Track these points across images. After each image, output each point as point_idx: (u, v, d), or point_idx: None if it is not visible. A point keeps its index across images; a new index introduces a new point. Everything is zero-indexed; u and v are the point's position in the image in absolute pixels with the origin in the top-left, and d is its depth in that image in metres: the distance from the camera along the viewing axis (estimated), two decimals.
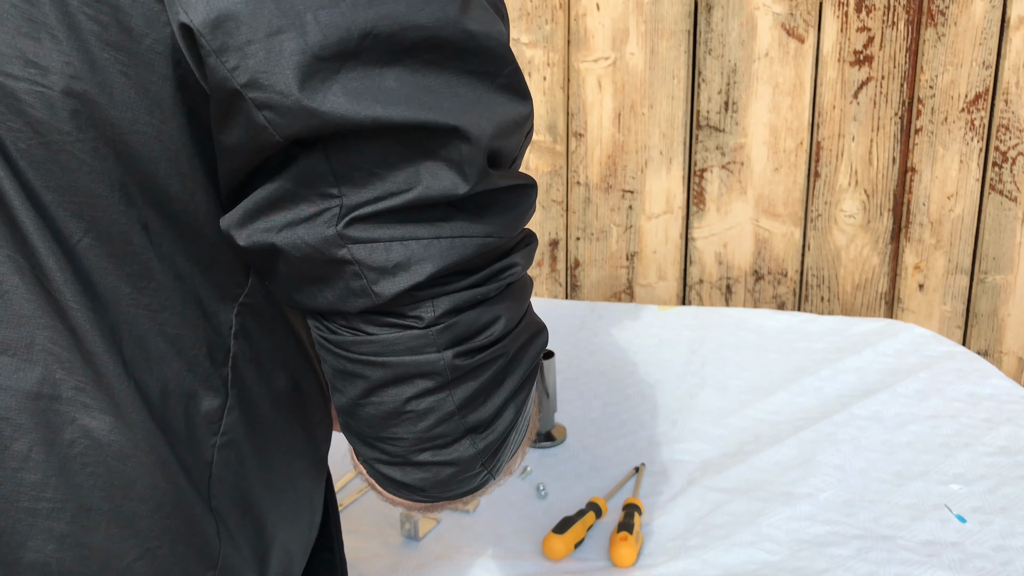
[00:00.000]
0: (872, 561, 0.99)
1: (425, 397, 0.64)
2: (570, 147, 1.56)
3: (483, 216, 0.62)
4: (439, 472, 0.67)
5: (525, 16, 1.50)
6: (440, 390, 0.64)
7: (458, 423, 0.65)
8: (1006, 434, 1.19)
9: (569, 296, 1.63)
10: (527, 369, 0.69)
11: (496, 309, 0.65)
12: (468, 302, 0.63)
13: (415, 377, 0.64)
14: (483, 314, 0.64)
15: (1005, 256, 1.49)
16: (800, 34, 1.45)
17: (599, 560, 1.01)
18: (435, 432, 0.65)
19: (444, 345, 0.63)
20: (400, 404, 0.65)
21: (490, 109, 0.61)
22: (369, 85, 0.58)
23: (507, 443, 0.69)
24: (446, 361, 0.63)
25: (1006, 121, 1.43)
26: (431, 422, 0.65)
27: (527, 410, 0.72)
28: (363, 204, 0.60)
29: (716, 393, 1.31)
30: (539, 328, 0.71)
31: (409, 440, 0.66)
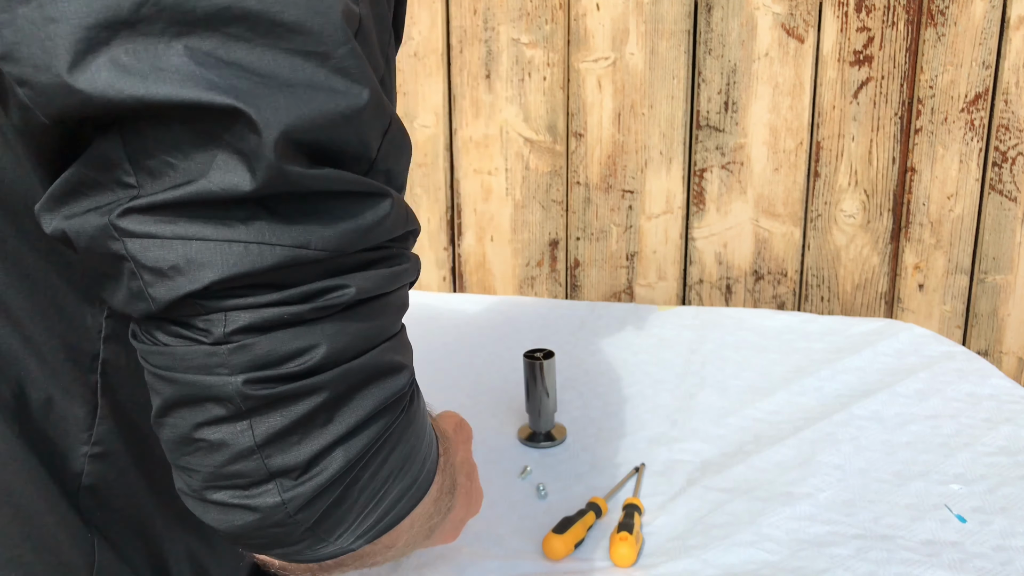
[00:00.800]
0: (872, 560, 0.99)
1: (217, 426, 0.55)
2: (570, 147, 1.56)
3: (299, 223, 0.54)
4: (240, 517, 0.58)
5: (525, 16, 1.50)
6: (234, 420, 0.55)
7: (259, 463, 0.56)
8: (1006, 434, 1.19)
9: (569, 296, 1.63)
10: (367, 415, 0.58)
11: (313, 334, 0.55)
12: (272, 321, 0.54)
13: (205, 401, 0.55)
14: (293, 338, 0.55)
15: (1005, 256, 1.49)
16: (800, 34, 1.45)
17: (599, 560, 1.01)
18: (232, 469, 0.56)
19: (236, 368, 0.54)
20: (190, 430, 0.56)
21: (305, 95, 0.52)
22: (144, 60, 0.50)
23: (346, 501, 0.59)
24: (235, 387, 0.54)
25: (1006, 121, 1.43)
26: (226, 456, 0.56)
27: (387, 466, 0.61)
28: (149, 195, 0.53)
29: (716, 393, 1.31)
30: (393, 369, 0.60)
31: (203, 474, 0.57)
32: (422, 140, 1.59)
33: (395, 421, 0.61)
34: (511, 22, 1.51)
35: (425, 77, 1.56)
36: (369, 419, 0.58)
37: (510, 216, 1.60)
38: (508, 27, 1.51)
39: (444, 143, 1.59)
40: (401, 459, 0.62)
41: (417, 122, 1.58)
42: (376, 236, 0.57)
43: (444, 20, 1.53)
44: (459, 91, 1.56)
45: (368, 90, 0.55)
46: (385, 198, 0.57)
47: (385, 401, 0.59)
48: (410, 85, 1.57)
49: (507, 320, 1.53)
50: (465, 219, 1.62)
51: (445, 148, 1.59)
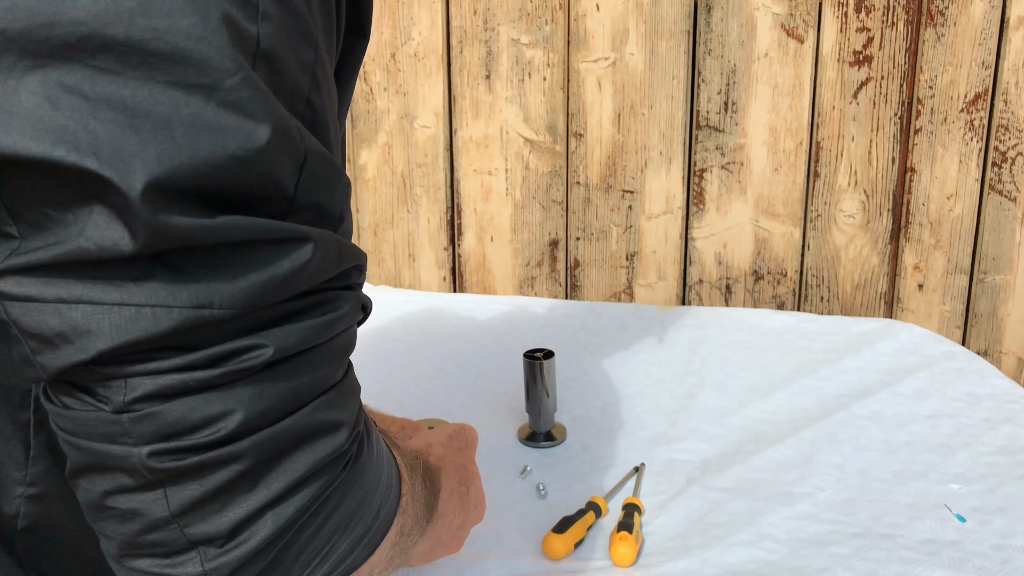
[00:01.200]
0: (872, 560, 0.99)
1: (128, 495, 0.51)
2: (570, 147, 1.56)
3: (200, 279, 0.48)
4: None
5: (525, 16, 1.51)
6: (145, 490, 0.51)
7: (177, 532, 0.51)
8: (1006, 434, 1.19)
9: (569, 296, 1.63)
10: (297, 479, 0.53)
11: (226, 400, 0.50)
12: (177, 388, 0.49)
13: (113, 469, 0.51)
14: (203, 405, 0.49)
15: (1004, 256, 1.49)
16: (800, 34, 1.45)
17: (599, 560, 1.01)
18: (149, 539, 0.52)
19: (141, 438, 0.49)
20: (100, 497, 0.52)
21: (186, 136, 0.46)
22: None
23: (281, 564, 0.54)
24: (139, 458, 0.49)
25: (1005, 121, 1.44)
26: (140, 526, 0.51)
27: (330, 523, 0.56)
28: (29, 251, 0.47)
29: (716, 393, 1.31)
30: (328, 428, 0.55)
31: (118, 541, 0.53)
32: (422, 140, 1.59)
33: (335, 480, 0.56)
34: (511, 22, 1.51)
35: (425, 77, 1.56)
36: (301, 482, 0.54)
37: (510, 216, 1.60)
38: (508, 27, 1.51)
39: (444, 143, 1.59)
40: (347, 514, 0.57)
41: (417, 122, 1.58)
42: (296, 285, 0.51)
43: (444, 20, 1.53)
44: (459, 91, 1.56)
45: (268, 126, 0.48)
46: (304, 243, 0.51)
47: (319, 463, 0.54)
48: (410, 85, 1.57)
49: (507, 320, 1.53)
50: (465, 219, 1.62)
51: (445, 148, 1.59)
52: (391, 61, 1.56)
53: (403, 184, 1.62)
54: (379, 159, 1.62)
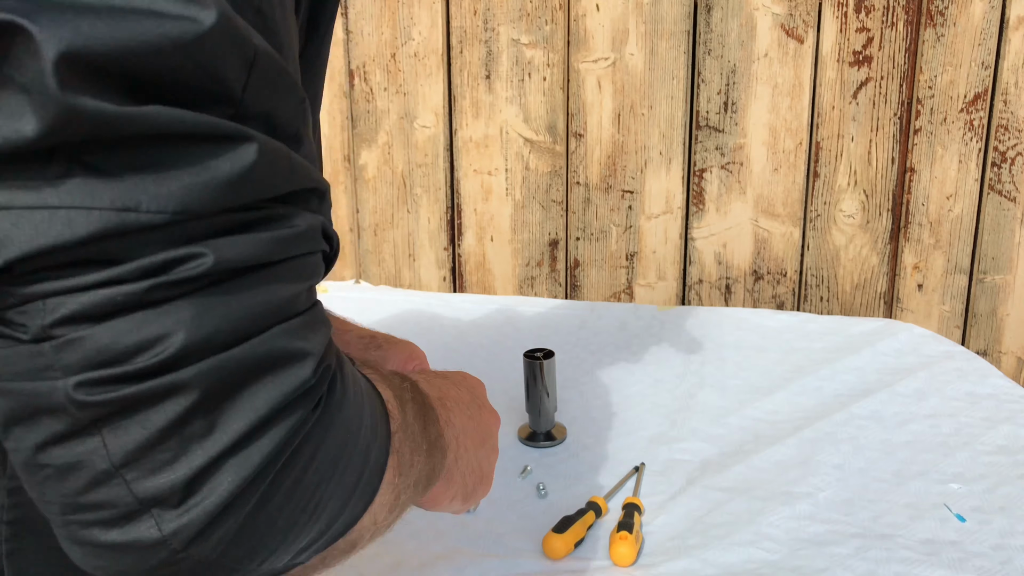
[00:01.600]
0: (871, 560, 0.99)
1: (60, 446, 0.45)
2: (570, 147, 1.56)
3: (124, 178, 0.43)
4: (117, 560, 0.46)
5: (525, 16, 1.51)
6: (78, 436, 0.44)
7: (123, 489, 0.45)
8: (1005, 433, 1.19)
9: (569, 296, 1.63)
10: (259, 418, 0.47)
11: (165, 319, 0.44)
12: (104, 307, 0.43)
13: (39, 414, 0.44)
14: (137, 327, 0.44)
15: (1004, 256, 1.49)
16: (799, 35, 1.45)
17: (599, 559, 1.02)
18: (91, 499, 0.45)
19: (68, 369, 0.43)
20: (31, 453, 0.45)
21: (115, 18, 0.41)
22: None
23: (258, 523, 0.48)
24: (64, 391, 0.43)
25: (1005, 121, 1.44)
26: (80, 483, 0.45)
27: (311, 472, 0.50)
28: None
29: (715, 393, 1.31)
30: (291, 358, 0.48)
31: (58, 505, 0.46)
32: (422, 140, 1.59)
33: (307, 422, 0.49)
34: (511, 22, 1.51)
35: (425, 77, 1.56)
36: (265, 423, 0.47)
37: (510, 216, 1.60)
38: (508, 27, 1.52)
39: (444, 143, 1.59)
40: (329, 462, 0.51)
41: (417, 122, 1.58)
42: (241, 192, 0.45)
43: (444, 20, 1.53)
44: (459, 91, 1.56)
45: (213, 11, 0.43)
46: (247, 142, 0.45)
47: (284, 399, 0.48)
48: (410, 85, 1.57)
49: (507, 320, 1.53)
50: (465, 219, 1.62)
51: (445, 148, 1.59)
52: (391, 61, 1.56)
53: (403, 184, 1.62)
54: (379, 159, 1.62)
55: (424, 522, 1.07)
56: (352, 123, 1.61)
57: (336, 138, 1.62)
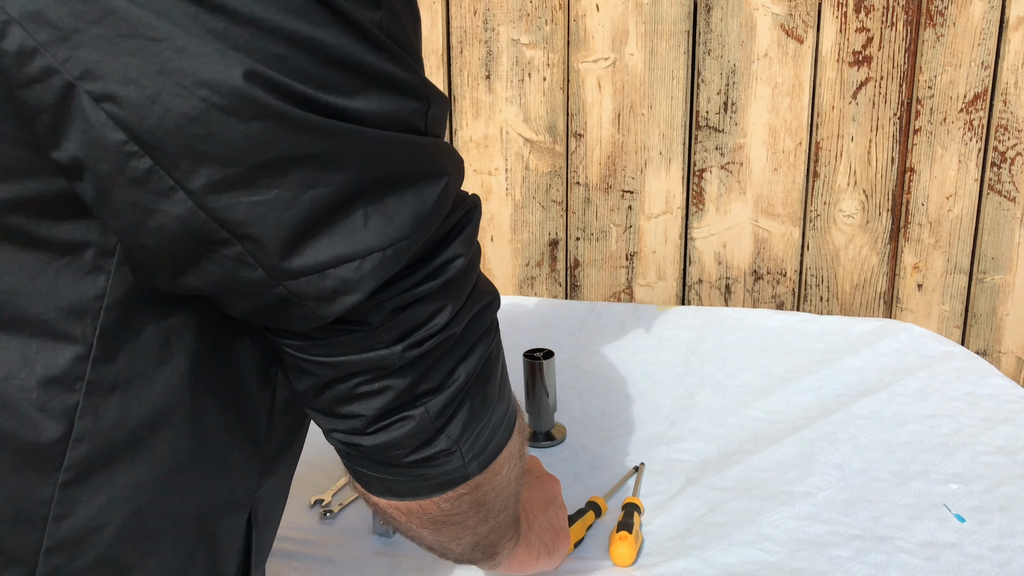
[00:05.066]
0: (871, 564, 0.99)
1: (376, 381, 0.66)
2: (570, 147, 1.56)
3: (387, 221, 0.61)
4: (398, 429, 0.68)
5: (525, 16, 1.51)
6: (390, 376, 0.66)
7: (409, 395, 0.66)
8: (1005, 434, 1.20)
9: (569, 296, 1.63)
10: (476, 335, 0.70)
11: (439, 300, 0.65)
12: (412, 299, 0.64)
13: (361, 371, 0.65)
14: (427, 307, 0.65)
15: (1004, 256, 1.49)
16: (799, 35, 1.45)
17: (599, 559, 1.02)
18: (390, 406, 0.67)
19: (393, 341, 0.64)
20: (347, 394, 0.66)
21: None
22: None
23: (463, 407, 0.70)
24: (396, 354, 0.64)
25: (1005, 121, 1.44)
26: (387, 399, 0.66)
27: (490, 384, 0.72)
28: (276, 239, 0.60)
29: (715, 393, 1.31)
30: (488, 299, 0.71)
31: (367, 417, 0.67)
32: None
33: (493, 341, 0.72)
34: (511, 22, 1.51)
35: None
36: (478, 340, 0.70)
37: (510, 216, 1.60)
38: (508, 27, 1.52)
39: None
40: (499, 381, 0.74)
41: None
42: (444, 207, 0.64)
43: (444, 20, 1.53)
44: (459, 91, 1.56)
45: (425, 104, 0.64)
46: (444, 176, 0.63)
47: (484, 324, 0.70)
48: None
49: (507, 320, 1.53)
50: None
51: None
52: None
53: None
54: None
55: None
56: None
57: None
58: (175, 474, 0.67)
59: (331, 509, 1.09)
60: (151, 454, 0.65)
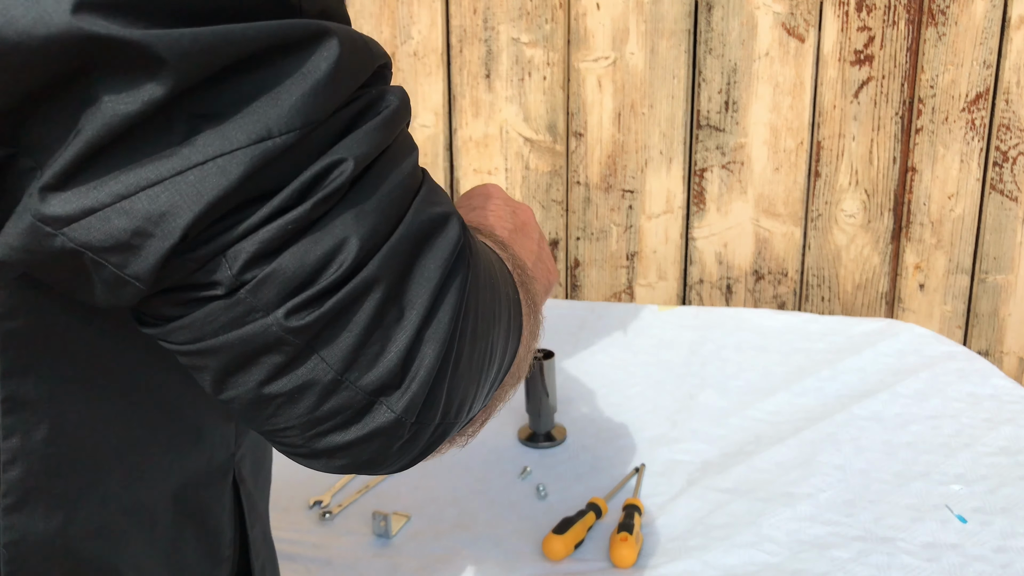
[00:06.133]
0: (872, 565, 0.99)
1: (283, 377, 0.49)
2: (570, 147, 1.55)
3: (244, 113, 0.45)
4: (362, 451, 0.51)
5: (525, 16, 1.50)
6: (298, 361, 0.48)
7: (353, 391, 0.49)
8: (1007, 434, 1.19)
9: (569, 296, 1.63)
10: (437, 284, 0.51)
11: (334, 232, 0.47)
12: (279, 238, 0.46)
13: (257, 355, 0.48)
14: (314, 246, 0.47)
15: (1006, 256, 1.48)
16: (800, 34, 1.45)
17: (599, 561, 1.01)
18: (327, 409, 0.50)
19: (268, 306, 0.47)
20: (255, 394, 0.49)
21: None
22: None
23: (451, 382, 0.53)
24: (278, 326, 0.47)
25: (1007, 121, 1.43)
26: (313, 399, 0.49)
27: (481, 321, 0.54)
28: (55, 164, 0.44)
29: (716, 393, 1.31)
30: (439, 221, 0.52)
31: (298, 427, 0.50)
32: (422, 140, 1.59)
33: (468, 274, 0.53)
34: (511, 21, 1.51)
35: (425, 77, 1.56)
36: (441, 289, 0.51)
37: None
38: (508, 27, 1.51)
39: (444, 143, 1.59)
40: (488, 305, 0.55)
41: (417, 122, 1.58)
42: (342, 85, 0.47)
43: (444, 20, 1.53)
44: (459, 91, 1.56)
45: None
46: (328, 36, 0.47)
47: (448, 261, 0.51)
48: (410, 84, 1.56)
49: None
50: None
51: (445, 148, 1.59)
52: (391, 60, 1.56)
53: None
54: None
55: (424, 523, 1.07)
56: None
57: None
58: (138, 465, 0.59)
59: (330, 510, 1.09)
60: (103, 456, 0.57)
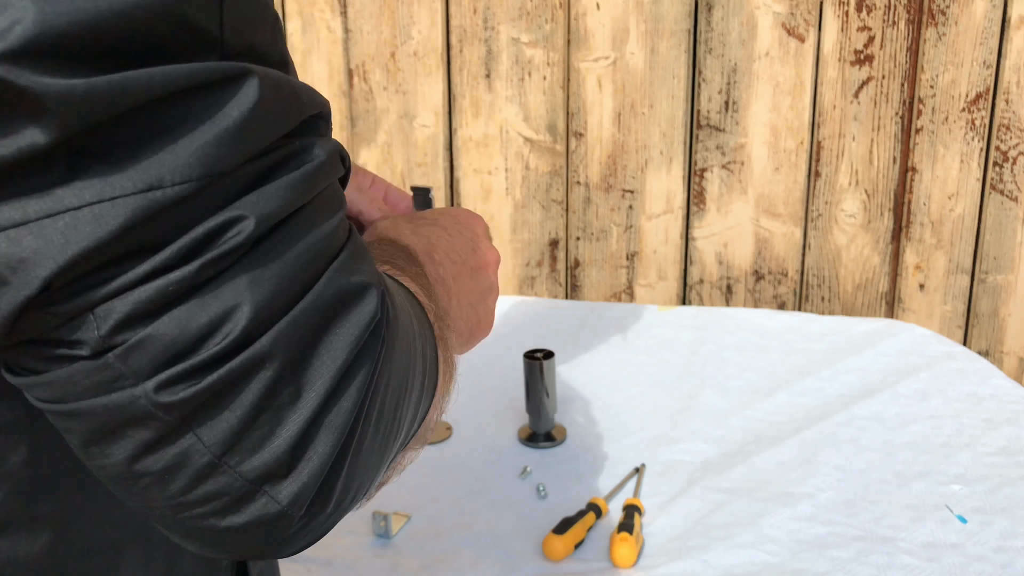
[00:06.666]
0: (872, 565, 0.99)
1: (154, 453, 0.43)
2: (570, 147, 1.55)
3: (136, 157, 0.40)
4: (240, 541, 0.46)
5: (525, 16, 1.50)
6: (170, 439, 0.42)
7: (231, 476, 0.43)
8: (1007, 434, 1.19)
9: (569, 296, 1.62)
10: (342, 364, 0.45)
11: (224, 297, 0.41)
12: (157, 300, 0.40)
13: (123, 427, 0.42)
14: (198, 311, 0.41)
15: (1006, 256, 1.48)
16: (800, 33, 1.45)
17: (599, 561, 1.01)
18: (201, 493, 0.44)
19: (139, 374, 0.41)
20: (123, 467, 0.43)
21: None
22: None
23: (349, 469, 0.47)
24: (147, 399, 0.41)
25: (1007, 121, 1.43)
26: (185, 481, 0.43)
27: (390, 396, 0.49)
28: None
29: (716, 393, 1.31)
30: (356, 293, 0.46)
31: (168, 507, 0.45)
32: (422, 140, 1.59)
33: (380, 353, 0.47)
34: (511, 21, 1.51)
35: (425, 76, 1.56)
36: (348, 370, 0.46)
37: (510, 216, 1.60)
38: (508, 26, 1.51)
39: (444, 143, 1.58)
40: (401, 377, 0.50)
41: (417, 121, 1.58)
42: (257, 134, 0.42)
43: (444, 19, 1.53)
44: (459, 91, 1.56)
45: None
46: (246, 77, 0.42)
47: (359, 339, 0.46)
48: (410, 84, 1.56)
49: (507, 320, 1.52)
50: None
51: (445, 148, 1.59)
52: (391, 60, 1.56)
53: (403, 184, 1.62)
54: (379, 158, 1.61)
55: (424, 523, 1.07)
56: (351, 122, 1.61)
57: (335, 137, 1.62)
58: None
59: None
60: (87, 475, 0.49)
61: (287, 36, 1.58)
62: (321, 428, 0.44)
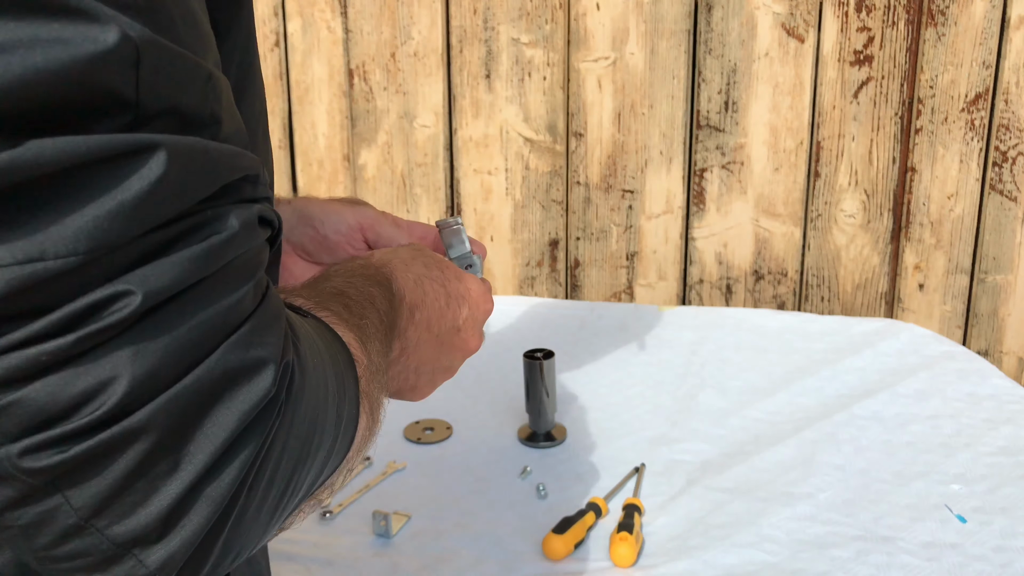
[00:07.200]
0: (872, 564, 0.99)
1: (19, 509, 0.42)
2: (570, 147, 1.55)
3: (20, 227, 0.39)
4: None
5: (525, 16, 1.50)
6: (35, 499, 0.42)
7: (98, 537, 0.43)
8: (1006, 434, 1.19)
9: (569, 296, 1.63)
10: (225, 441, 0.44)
11: (101, 368, 0.41)
12: (30, 367, 0.40)
13: None
14: (73, 380, 0.41)
15: (1005, 256, 1.49)
16: (800, 34, 1.45)
17: (599, 560, 1.01)
18: (67, 550, 0.43)
19: (4, 437, 0.40)
20: None
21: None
22: None
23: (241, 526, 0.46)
24: (10, 462, 0.41)
25: (1006, 121, 1.43)
26: (50, 537, 0.43)
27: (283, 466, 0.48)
28: None
29: (716, 393, 1.31)
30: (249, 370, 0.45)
31: (32, 557, 0.44)
32: (422, 140, 1.59)
33: (271, 431, 0.46)
34: (511, 22, 1.51)
35: (425, 77, 1.56)
36: (232, 445, 0.45)
37: (510, 216, 1.60)
38: (508, 27, 1.51)
39: (444, 143, 1.59)
40: (301, 443, 0.49)
41: (417, 122, 1.58)
42: (159, 208, 0.41)
43: (444, 20, 1.53)
44: (459, 91, 1.56)
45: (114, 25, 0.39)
46: (153, 151, 0.41)
47: (247, 416, 0.45)
48: (410, 84, 1.56)
49: (507, 320, 1.53)
50: (465, 219, 1.62)
51: (445, 148, 1.59)
52: (391, 60, 1.56)
53: (403, 184, 1.62)
54: (379, 159, 1.62)
55: (424, 523, 1.07)
56: (352, 123, 1.61)
57: (336, 137, 1.62)
58: None
59: (330, 510, 1.09)
60: None
61: (287, 36, 1.58)
62: (198, 499, 0.44)
